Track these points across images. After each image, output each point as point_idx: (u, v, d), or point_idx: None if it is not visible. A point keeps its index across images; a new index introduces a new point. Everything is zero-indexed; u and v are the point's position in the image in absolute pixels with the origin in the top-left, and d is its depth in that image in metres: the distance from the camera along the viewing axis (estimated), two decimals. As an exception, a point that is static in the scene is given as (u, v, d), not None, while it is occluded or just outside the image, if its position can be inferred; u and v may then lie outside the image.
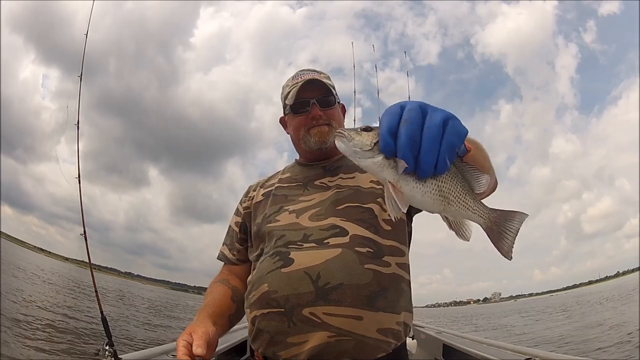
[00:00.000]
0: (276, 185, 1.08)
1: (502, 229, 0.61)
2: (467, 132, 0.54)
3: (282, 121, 1.15)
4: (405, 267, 0.93)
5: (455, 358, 2.22)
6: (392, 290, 0.87)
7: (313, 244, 0.89)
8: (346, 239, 0.88)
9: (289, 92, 1.05)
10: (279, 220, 0.97)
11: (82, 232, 1.75)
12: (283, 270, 0.87)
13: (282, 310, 0.84)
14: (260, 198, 1.08)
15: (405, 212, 0.56)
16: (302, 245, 0.89)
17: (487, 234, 0.61)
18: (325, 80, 1.05)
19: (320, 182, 1.03)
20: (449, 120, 0.53)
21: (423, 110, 0.53)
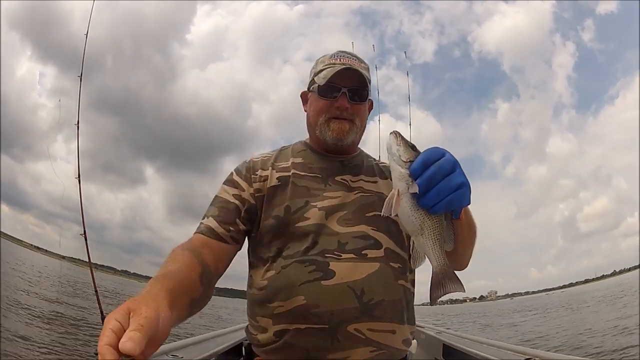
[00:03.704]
0: (291, 170, 0.97)
1: (443, 282, 0.71)
2: (469, 203, 0.69)
3: (304, 96, 1.06)
4: (414, 283, 0.97)
5: (455, 358, 2.22)
6: (411, 304, 0.93)
7: (352, 255, 0.86)
8: (381, 253, 0.88)
9: (321, 70, 0.97)
10: (308, 219, 0.89)
11: (82, 232, 1.74)
12: (324, 283, 0.83)
13: (326, 326, 0.81)
14: (275, 182, 0.95)
15: (391, 215, 0.68)
16: (341, 255, 0.86)
17: (432, 276, 0.72)
18: (364, 72, 0.96)
19: (341, 179, 0.97)
20: (464, 186, 0.65)
21: (454, 167, 0.65)
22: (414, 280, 0.97)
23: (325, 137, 0.97)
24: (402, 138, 0.69)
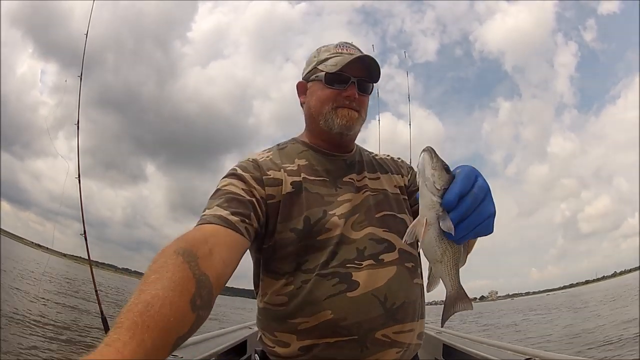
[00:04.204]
0: (301, 175, 0.90)
1: (455, 303, 0.72)
2: (493, 232, 0.65)
3: (301, 87, 1.00)
4: (422, 276, 0.97)
5: (455, 358, 2.22)
6: (424, 298, 0.94)
7: (370, 261, 0.85)
8: (395, 255, 0.88)
9: (328, 58, 0.92)
10: (329, 230, 0.84)
11: (82, 232, 1.74)
12: (349, 294, 0.81)
13: (355, 337, 0.80)
14: (290, 188, 0.87)
15: (418, 251, 0.67)
16: (361, 264, 0.84)
17: (445, 299, 0.73)
18: (378, 65, 0.92)
19: (348, 179, 0.93)
20: (492, 216, 0.63)
21: (486, 195, 0.62)
22: (422, 273, 0.97)
23: (332, 126, 0.92)
24: (438, 159, 0.63)
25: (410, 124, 4.56)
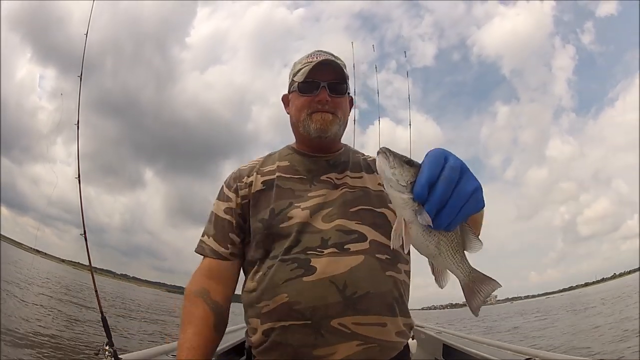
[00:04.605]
0: (276, 174, 0.98)
1: (476, 288, 0.66)
2: (484, 205, 0.58)
3: (285, 99, 1.07)
4: (409, 274, 0.96)
5: (455, 358, 2.22)
6: (404, 295, 0.92)
7: (333, 249, 0.85)
8: (366, 245, 0.87)
9: (299, 70, 0.98)
10: (291, 218, 0.90)
11: (82, 232, 1.74)
12: (305, 279, 0.83)
13: (309, 322, 0.81)
14: (260, 187, 0.97)
15: (404, 251, 0.59)
16: (322, 251, 0.85)
17: (462, 288, 0.67)
18: (341, 64, 0.98)
19: (326, 178, 0.97)
20: (476, 191, 0.56)
21: (461, 172, 0.56)
22: (409, 271, 0.96)
23: (309, 131, 0.97)
24: (395, 156, 0.58)
25: (410, 125, 4.56)
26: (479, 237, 0.65)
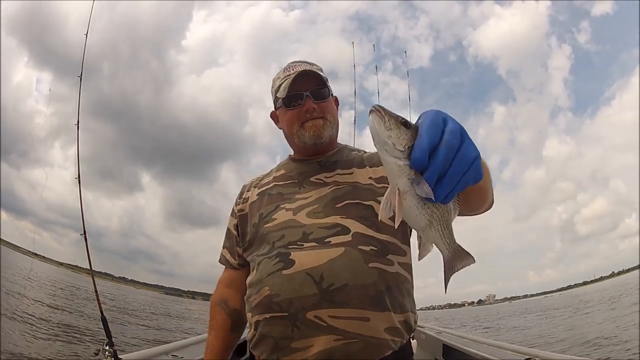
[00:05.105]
0: (272, 183, 1.03)
1: (453, 264, 0.66)
2: (483, 177, 0.54)
3: (274, 116, 1.09)
4: (408, 267, 0.92)
5: (455, 358, 2.22)
6: (397, 289, 0.87)
7: (314, 243, 0.86)
8: (348, 237, 0.86)
9: (280, 85, 1.00)
10: (275, 219, 0.94)
11: (82, 233, 1.73)
12: (284, 272, 0.85)
13: (286, 314, 0.82)
14: (255, 198, 1.04)
15: (397, 226, 0.55)
16: (303, 245, 0.86)
17: (444, 262, 0.65)
18: (318, 72, 0.99)
19: (316, 179, 0.99)
20: (476, 158, 0.52)
21: (462, 137, 0.52)
22: (409, 264, 0.92)
23: (305, 140, 0.99)
24: (391, 115, 0.52)
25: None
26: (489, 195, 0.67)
